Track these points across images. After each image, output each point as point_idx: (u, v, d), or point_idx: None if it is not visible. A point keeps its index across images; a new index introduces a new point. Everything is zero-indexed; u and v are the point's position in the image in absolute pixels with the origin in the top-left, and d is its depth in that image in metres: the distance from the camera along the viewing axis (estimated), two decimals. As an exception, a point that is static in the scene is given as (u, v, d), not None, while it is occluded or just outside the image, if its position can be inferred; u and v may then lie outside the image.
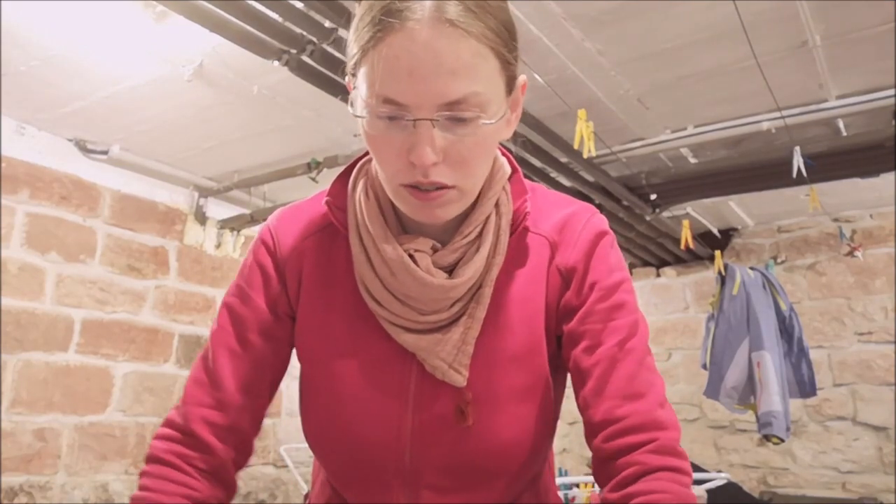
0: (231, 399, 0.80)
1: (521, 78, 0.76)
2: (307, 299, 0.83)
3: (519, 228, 0.81)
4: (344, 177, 0.85)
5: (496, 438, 0.77)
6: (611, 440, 0.72)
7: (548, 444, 0.85)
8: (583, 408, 0.76)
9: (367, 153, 0.83)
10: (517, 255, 0.81)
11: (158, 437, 0.80)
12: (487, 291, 0.78)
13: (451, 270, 0.78)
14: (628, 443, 0.71)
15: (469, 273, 0.76)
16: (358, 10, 0.71)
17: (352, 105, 0.73)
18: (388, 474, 0.79)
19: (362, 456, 0.79)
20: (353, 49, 0.71)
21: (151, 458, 0.78)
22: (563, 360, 0.81)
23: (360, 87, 0.71)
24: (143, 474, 0.78)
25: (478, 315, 0.78)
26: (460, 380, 0.76)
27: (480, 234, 0.79)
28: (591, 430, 0.74)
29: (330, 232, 0.84)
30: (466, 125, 0.68)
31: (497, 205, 0.81)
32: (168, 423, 0.81)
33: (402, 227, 0.81)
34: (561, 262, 0.81)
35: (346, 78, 0.75)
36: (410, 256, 0.76)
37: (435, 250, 0.78)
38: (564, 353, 0.80)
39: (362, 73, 0.70)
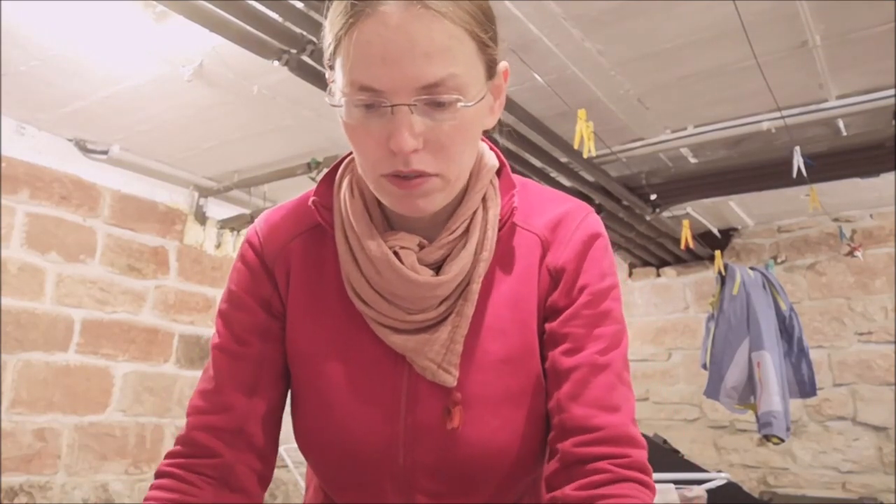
0: (232, 401, 0.78)
1: (503, 64, 0.74)
2: (296, 302, 0.81)
3: (507, 224, 0.79)
4: (330, 176, 0.83)
5: (490, 441, 0.75)
6: (583, 446, 0.71)
7: (544, 446, 0.83)
8: (555, 410, 0.75)
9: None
10: (506, 252, 0.79)
11: (165, 455, 0.78)
12: (475, 288, 0.76)
13: (438, 268, 0.76)
14: (601, 452, 0.70)
15: (456, 270, 0.74)
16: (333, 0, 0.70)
17: (331, 96, 0.72)
18: (382, 479, 0.78)
19: (355, 461, 0.77)
20: (328, 39, 0.70)
21: (155, 476, 0.77)
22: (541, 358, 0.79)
23: (336, 76, 0.69)
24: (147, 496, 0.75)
25: (466, 313, 0.75)
26: (450, 380, 0.74)
27: (467, 230, 0.76)
28: (562, 433, 0.73)
29: (317, 232, 0.82)
30: (445, 109, 0.67)
31: (484, 199, 0.78)
32: (175, 441, 0.79)
33: (388, 224, 0.79)
34: (551, 261, 0.78)
35: (327, 72, 0.73)
36: (395, 254, 0.74)
37: (421, 247, 0.76)
38: (542, 351, 0.78)
39: (338, 62, 0.68)
